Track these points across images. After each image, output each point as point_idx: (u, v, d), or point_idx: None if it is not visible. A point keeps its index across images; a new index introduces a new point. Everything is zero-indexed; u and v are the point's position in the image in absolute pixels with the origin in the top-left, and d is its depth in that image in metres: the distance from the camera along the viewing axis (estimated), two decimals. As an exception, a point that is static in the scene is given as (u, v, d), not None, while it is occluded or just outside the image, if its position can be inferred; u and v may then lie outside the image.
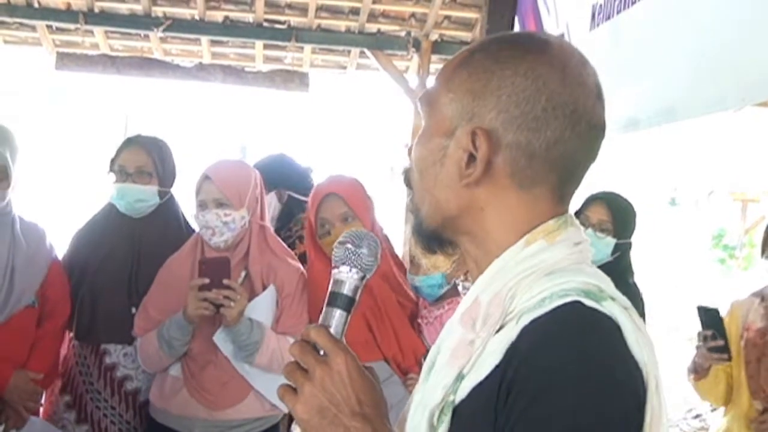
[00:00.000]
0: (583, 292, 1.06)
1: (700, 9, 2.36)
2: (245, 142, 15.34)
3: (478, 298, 1.14)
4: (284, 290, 3.04)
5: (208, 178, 3.02)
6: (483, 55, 1.18)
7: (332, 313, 1.23)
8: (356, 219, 3.06)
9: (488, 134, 1.13)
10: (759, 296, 3.37)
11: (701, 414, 7.91)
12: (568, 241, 1.15)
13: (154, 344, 2.99)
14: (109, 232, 3.29)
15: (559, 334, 1.02)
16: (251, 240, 3.07)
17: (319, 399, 1.13)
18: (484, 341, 1.08)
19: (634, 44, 2.73)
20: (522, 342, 1.04)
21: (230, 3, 6.77)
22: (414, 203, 1.27)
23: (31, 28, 7.04)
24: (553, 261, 1.13)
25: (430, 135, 1.21)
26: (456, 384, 1.09)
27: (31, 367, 3.08)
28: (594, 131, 1.17)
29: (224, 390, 2.99)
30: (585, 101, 1.14)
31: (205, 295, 2.83)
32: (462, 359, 1.09)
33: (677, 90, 2.49)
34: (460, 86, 1.17)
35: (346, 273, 1.24)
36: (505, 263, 1.14)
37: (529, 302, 1.08)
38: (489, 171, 1.14)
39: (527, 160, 1.13)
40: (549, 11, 3.54)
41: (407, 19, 6.98)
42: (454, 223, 1.21)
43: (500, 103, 1.13)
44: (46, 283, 3.13)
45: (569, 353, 1.00)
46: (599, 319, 1.04)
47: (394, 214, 7.21)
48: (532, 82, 1.12)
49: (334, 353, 1.15)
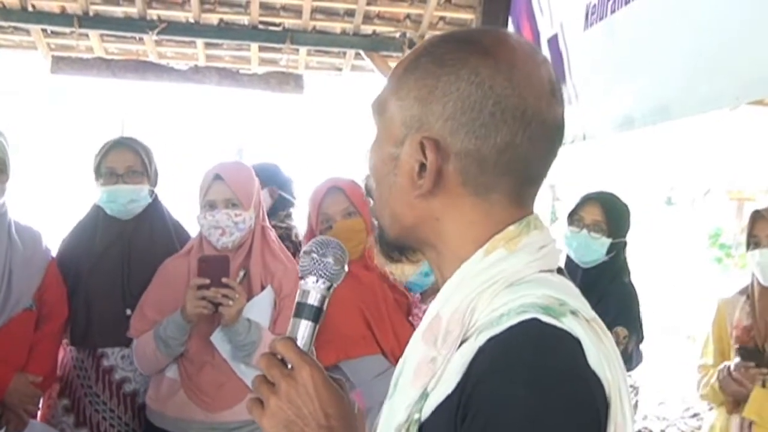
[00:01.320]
0: (542, 308, 1.02)
1: (695, 8, 2.36)
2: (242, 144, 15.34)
3: (438, 314, 1.09)
4: (282, 291, 3.04)
5: (219, 177, 3.02)
6: (428, 59, 1.13)
7: (299, 324, 1.22)
8: (358, 214, 3.08)
9: (436, 143, 1.09)
10: (744, 294, 3.38)
11: (699, 413, 7.91)
12: (530, 246, 1.11)
13: (151, 345, 2.98)
14: (99, 236, 3.28)
15: (513, 355, 0.98)
16: (254, 240, 3.07)
17: (285, 412, 1.13)
18: (446, 358, 1.05)
19: (628, 43, 2.73)
20: (478, 362, 1.01)
21: (225, 5, 6.77)
22: (374, 212, 1.25)
23: (25, 32, 7.03)
24: (513, 270, 1.08)
25: (381, 143, 1.18)
26: (420, 402, 1.06)
27: (30, 370, 3.08)
28: (549, 131, 1.12)
29: (221, 392, 2.98)
30: (536, 102, 1.09)
31: (203, 294, 2.83)
32: (425, 377, 1.06)
33: (672, 89, 2.49)
34: (407, 93, 1.13)
35: (313, 283, 1.23)
36: (465, 275, 1.10)
37: (488, 318, 1.04)
38: (440, 180, 1.11)
39: (478, 167, 1.09)
40: (543, 11, 3.54)
41: (402, 21, 6.98)
42: (413, 234, 1.18)
43: (446, 111, 1.09)
44: (44, 286, 3.12)
45: (522, 375, 0.96)
46: (557, 338, 1.00)
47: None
48: (477, 87, 1.08)
49: (300, 366, 1.14)
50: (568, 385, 0.97)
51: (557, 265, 1.15)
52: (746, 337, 3.27)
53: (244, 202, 3.00)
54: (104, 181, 3.23)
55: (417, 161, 1.11)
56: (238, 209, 2.99)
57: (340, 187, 3.12)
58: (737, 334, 3.30)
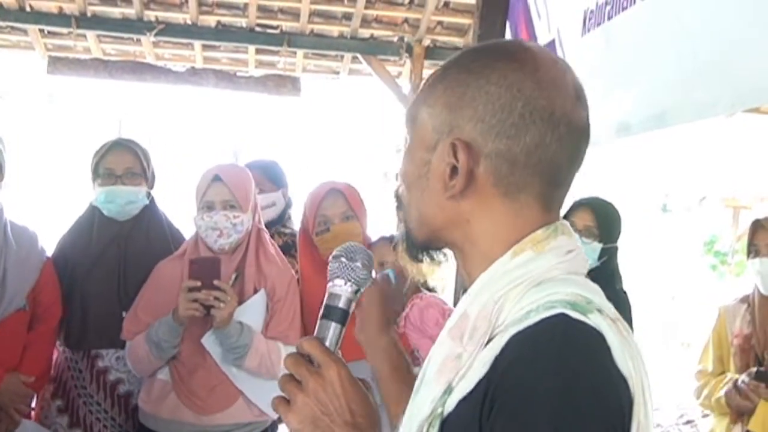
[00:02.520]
0: (570, 304, 1.04)
1: (692, 15, 2.36)
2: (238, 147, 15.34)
3: (466, 311, 1.12)
4: (275, 295, 3.03)
5: (218, 179, 3.02)
6: (456, 68, 1.18)
7: (327, 326, 1.25)
8: (355, 218, 3.09)
9: (467, 145, 1.13)
10: (745, 302, 3.38)
11: (693, 420, 7.93)
12: (558, 249, 1.14)
13: (144, 347, 2.97)
14: (95, 237, 3.28)
15: (541, 347, 1.01)
16: (249, 243, 3.07)
17: (312, 409, 1.15)
18: (472, 355, 1.07)
19: (625, 50, 2.73)
20: (505, 355, 1.03)
21: (223, 8, 6.78)
22: (403, 217, 1.27)
23: (23, 32, 7.03)
24: (541, 271, 1.11)
25: (414, 151, 1.21)
26: (444, 397, 1.08)
27: (23, 370, 3.08)
28: (575, 133, 1.15)
29: (213, 394, 2.97)
30: (563, 104, 1.13)
31: (195, 296, 2.83)
32: (450, 373, 1.09)
33: (668, 95, 2.49)
34: (437, 101, 1.17)
35: (341, 286, 1.26)
36: (493, 275, 1.13)
37: (516, 315, 1.07)
38: (472, 181, 1.14)
39: (509, 167, 1.13)
40: (540, 17, 3.53)
41: (400, 25, 7.00)
42: (441, 236, 1.21)
43: (477, 113, 1.13)
44: (38, 286, 3.11)
45: (550, 367, 0.98)
46: (584, 333, 1.03)
47: (386, 219, 7.21)
48: (506, 90, 1.11)
49: (327, 365, 1.17)
50: (594, 377, 0.99)
51: (584, 270, 1.18)
52: (746, 346, 3.28)
53: (243, 204, 3.00)
54: (102, 181, 3.23)
55: (448, 164, 1.14)
56: (237, 211, 2.99)
57: (340, 189, 3.13)
58: (738, 343, 3.31)
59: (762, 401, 3.16)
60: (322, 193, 3.12)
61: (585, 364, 1.00)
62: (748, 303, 3.36)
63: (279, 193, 3.88)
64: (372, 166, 15.30)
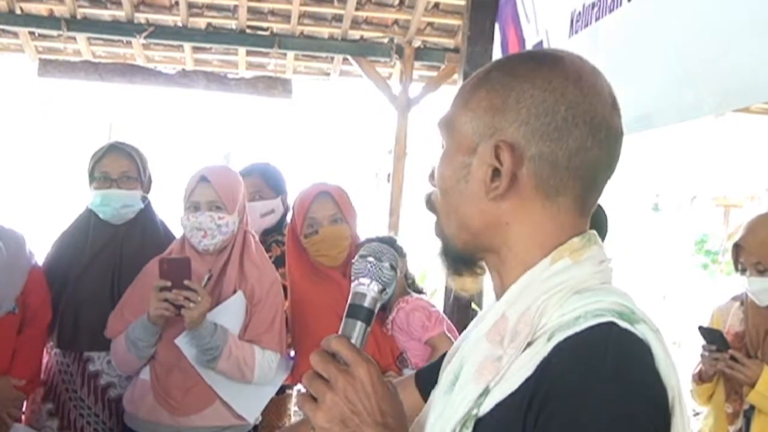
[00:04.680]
0: (617, 314, 1.07)
1: (678, 17, 2.38)
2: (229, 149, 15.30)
3: (505, 314, 1.13)
4: (254, 297, 3.02)
5: (205, 179, 3.01)
6: (499, 72, 1.19)
7: (353, 325, 1.24)
8: (344, 222, 3.10)
9: (511, 147, 1.13)
10: (739, 300, 3.39)
11: (684, 418, 7.94)
12: (593, 259, 1.16)
13: (123, 345, 2.98)
14: (90, 240, 3.28)
15: (595, 354, 1.02)
16: (234, 246, 3.07)
17: (342, 408, 1.14)
18: (512, 357, 1.08)
19: (612, 51, 2.75)
20: (556, 359, 1.04)
21: (213, 10, 6.78)
22: (438, 226, 1.27)
23: (13, 35, 7.03)
24: (579, 279, 1.13)
25: (452, 155, 1.21)
26: (481, 399, 1.09)
27: (13, 373, 3.06)
28: (614, 138, 1.17)
29: (188, 396, 2.96)
30: (603, 109, 1.15)
31: (165, 296, 2.82)
32: (489, 375, 1.09)
33: (655, 97, 2.51)
34: (479, 104, 1.18)
35: (367, 286, 1.25)
36: (532, 280, 1.14)
37: (561, 319, 1.08)
38: (514, 183, 1.15)
39: (551, 170, 1.14)
40: (528, 18, 3.55)
41: (390, 26, 7.01)
42: (480, 240, 1.21)
43: (521, 116, 1.14)
44: (26, 289, 3.10)
45: (605, 373, 1.00)
46: (633, 342, 1.05)
47: (377, 220, 7.22)
48: (550, 94, 1.13)
49: (357, 363, 1.16)
50: (646, 386, 1.02)
51: (612, 281, 1.20)
52: (738, 344, 3.28)
53: (229, 206, 3.00)
54: (98, 185, 3.23)
55: (490, 166, 1.15)
56: (222, 212, 2.99)
57: (329, 192, 3.13)
58: (729, 340, 3.32)
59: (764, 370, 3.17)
60: (312, 195, 3.12)
61: (637, 372, 1.02)
62: (741, 301, 3.37)
63: (278, 200, 3.82)
64: (363, 168, 15.30)
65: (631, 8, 2.61)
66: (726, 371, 3.24)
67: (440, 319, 3.11)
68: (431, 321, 3.07)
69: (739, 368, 3.18)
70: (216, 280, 3.02)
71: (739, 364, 3.17)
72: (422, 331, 3.06)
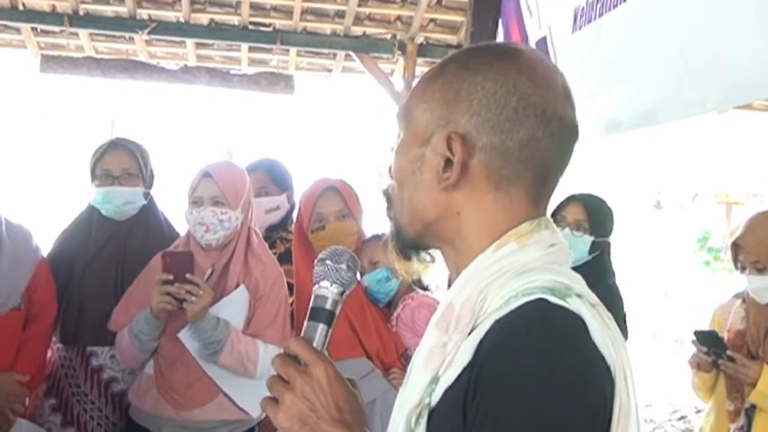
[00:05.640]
0: (549, 290, 1.08)
1: (681, 12, 2.38)
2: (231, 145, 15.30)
3: (451, 302, 1.15)
4: (258, 291, 3.03)
5: (208, 175, 3.02)
6: (455, 64, 1.22)
7: (314, 327, 1.27)
8: (351, 218, 3.11)
9: (463, 138, 1.16)
10: (740, 297, 3.39)
11: (686, 416, 7.96)
12: (541, 242, 1.17)
13: (126, 339, 3.00)
14: (93, 236, 3.29)
15: (521, 331, 1.03)
16: (238, 241, 3.07)
17: (300, 407, 1.17)
18: (457, 344, 1.10)
19: (615, 47, 2.75)
20: (486, 341, 1.06)
21: (215, 5, 6.77)
22: (393, 213, 1.29)
23: (15, 31, 7.02)
24: (524, 262, 1.14)
25: (407, 146, 1.24)
26: (431, 386, 1.11)
27: (18, 369, 3.07)
28: (566, 131, 1.19)
29: (191, 390, 2.97)
30: (555, 102, 1.17)
31: (167, 289, 2.84)
32: (436, 362, 1.11)
33: (658, 93, 2.51)
34: (433, 95, 1.20)
35: (327, 288, 1.28)
36: (477, 267, 1.16)
37: (497, 303, 1.09)
38: (466, 173, 1.17)
39: (502, 160, 1.16)
40: (531, 13, 3.55)
41: (393, 22, 7.00)
42: (433, 230, 1.23)
43: (472, 107, 1.16)
44: (33, 285, 3.11)
45: (531, 350, 1.01)
46: (563, 316, 1.05)
47: (379, 216, 7.22)
48: (502, 85, 1.15)
49: (314, 362, 1.19)
50: (574, 357, 1.02)
51: (566, 262, 1.21)
52: (739, 342, 3.28)
53: (231, 201, 3.00)
54: (99, 182, 3.24)
55: (443, 156, 1.17)
56: (224, 207, 2.99)
57: (336, 187, 3.15)
58: (729, 337, 3.32)
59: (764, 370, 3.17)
60: (319, 190, 3.14)
61: (564, 346, 1.03)
62: (743, 299, 3.37)
63: (284, 196, 3.81)
64: (365, 164, 15.30)
65: (635, 4, 2.61)
66: (727, 372, 3.24)
67: None
68: None
69: (739, 369, 3.18)
70: (220, 274, 3.03)
71: (739, 365, 3.18)
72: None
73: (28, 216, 3.36)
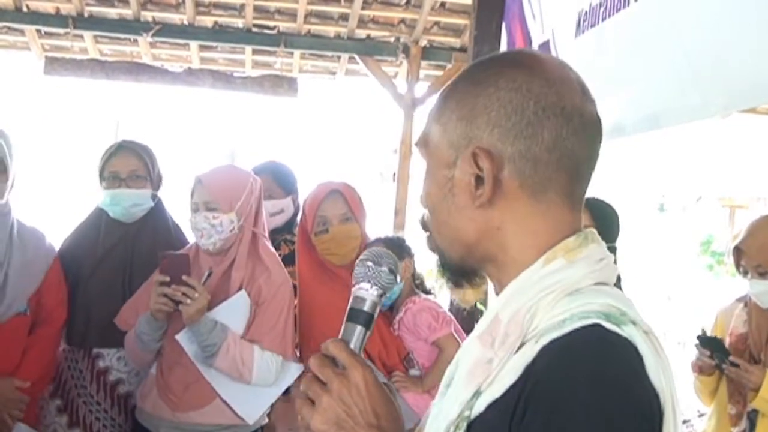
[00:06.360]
0: (604, 315, 1.05)
1: (685, 17, 2.37)
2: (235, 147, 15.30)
3: (497, 316, 1.12)
4: (260, 297, 3.03)
5: (200, 181, 3.04)
6: (464, 82, 1.19)
7: (352, 329, 1.25)
8: (354, 220, 3.11)
9: (488, 152, 1.13)
10: (742, 301, 3.39)
11: (689, 419, 7.94)
12: (588, 258, 1.14)
13: (132, 339, 3.03)
14: (101, 238, 3.30)
15: (576, 356, 1.01)
16: (240, 246, 3.07)
17: (337, 411, 1.16)
18: (503, 360, 1.07)
19: (619, 51, 2.75)
20: (540, 362, 1.03)
21: (220, 8, 6.79)
22: (433, 242, 1.27)
23: (20, 32, 7.04)
24: (573, 280, 1.11)
25: (434, 172, 1.21)
26: (473, 400, 1.08)
27: (20, 373, 3.06)
28: (589, 125, 1.17)
29: (187, 392, 2.97)
30: (573, 97, 1.15)
31: (163, 291, 2.85)
32: (480, 377, 1.09)
33: (661, 97, 2.51)
34: (450, 117, 1.18)
35: (367, 290, 1.27)
36: (525, 281, 1.13)
37: (549, 322, 1.07)
38: (499, 187, 1.14)
39: (532, 166, 1.13)
40: (535, 17, 3.55)
41: (396, 25, 7.01)
42: (476, 251, 1.20)
43: (491, 120, 1.14)
44: (43, 288, 3.12)
45: (585, 376, 0.99)
46: (618, 343, 1.03)
47: (383, 220, 7.22)
48: (516, 92, 1.13)
49: (353, 366, 1.18)
50: (627, 389, 1.00)
51: (614, 279, 1.18)
52: (741, 345, 3.28)
53: (223, 206, 3.00)
54: (107, 184, 3.25)
55: (472, 175, 1.15)
56: (216, 212, 2.99)
57: (340, 191, 3.14)
58: (731, 341, 3.32)
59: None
60: (323, 193, 3.14)
61: (619, 374, 1.01)
62: (745, 302, 3.37)
63: (288, 199, 3.81)
64: (369, 167, 15.31)
65: (638, 8, 2.61)
66: (730, 376, 3.24)
67: (447, 320, 3.11)
68: (438, 322, 3.08)
69: (742, 374, 3.18)
70: (221, 278, 3.03)
71: (742, 371, 3.18)
72: (429, 332, 3.06)
73: (35, 218, 3.37)
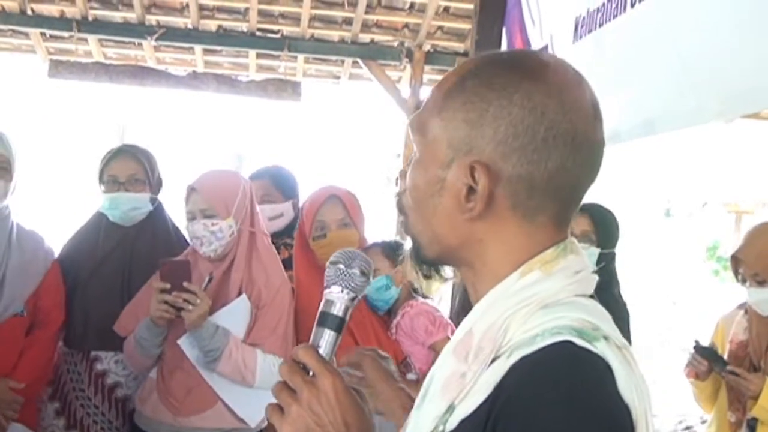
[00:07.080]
0: (576, 331, 1.03)
1: (681, 23, 2.38)
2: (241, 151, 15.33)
3: (471, 330, 1.10)
4: (260, 300, 3.02)
5: (194, 189, 3.03)
6: (476, 81, 1.13)
7: (322, 334, 1.23)
8: (353, 226, 3.11)
9: (488, 168, 1.09)
10: (743, 308, 3.39)
11: (692, 426, 7.92)
12: (566, 270, 1.11)
13: (132, 344, 3.02)
14: (101, 241, 3.30)
15: (546, 374, 0.99)
16: (238, 248, 3.07)
17: (306, 420, 1.14)
18: (476, 374, 1.05)
19: (616, 57, 2.75)
20: (509, 379, 1.02)
21: (224, 12, 6.80)
22: (410, 230, 1.24)
23: (24, 36, 7.06)
24: (549, 293, 1.09)
25: (425, 165, 1.17)
26: (446, 415, 1.06)
27: (16, 375, 3.07)
28: (595, 153, 1.13)
29: (189, 396, 2.97)
30: (584, 126, 1.10)
31: (164, 297, 2.85)
32: (453, 391, 1.07)
33: (656, 103, 2.51)
34: (454, 114, 1.12)
35: (337, 293, 1.24)
36: (500, 294, 1.10)
37: (521, 337, 1.05)
38: (490, 204, 1.11)
39: (528, 191, 1.10)
40: (534, 23, 3.56)
41: (400, 30, 7.01)
42: (453, 254, 1.18)
43: (498, 135, 1.09)
44: (40, 290, 3.12)
45: (555, 394, 0.97)
46: (589, 360, 1.01)
47: (386, 223, 7.23)
48: (530, 112, 1.08)
49: (322, 374, 1.16)
50: (596, 407, 0.98)
51: (591, 290, 1.15)
52: (741, 352, 3.28)
53: (221, 211, 3.00)
54: (106, 188, 3.26)
55: (465, 185, 1.11)
56: (215, 219, 2.99)
57: (338, 196, 3.14)
58: (732, 348, 3.31)
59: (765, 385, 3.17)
60: (321, 198, 3.13)
61: (589, 392, 0.99)
62: (746, 309, 3.36)
63: (288, 203, 3.77)
64: (372, 170, 15.34)
65: (635, 14, 2.62)
66: (729, 383, 3.24)
67: (444, 324, 3.11)
68: (435, 326, 3.07)
69: (740, 383, 3.17)
70: (220, 283, 3.02)
71: (741, 379, 3.17)
72: (426, 336, 3.06)
73: (36, 221, 3.38)
